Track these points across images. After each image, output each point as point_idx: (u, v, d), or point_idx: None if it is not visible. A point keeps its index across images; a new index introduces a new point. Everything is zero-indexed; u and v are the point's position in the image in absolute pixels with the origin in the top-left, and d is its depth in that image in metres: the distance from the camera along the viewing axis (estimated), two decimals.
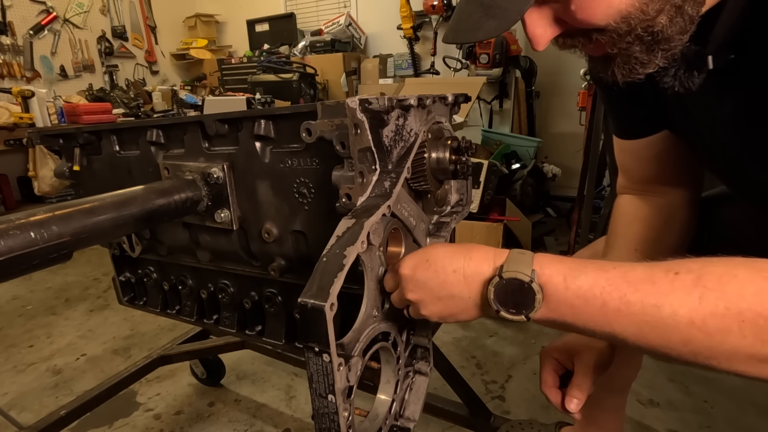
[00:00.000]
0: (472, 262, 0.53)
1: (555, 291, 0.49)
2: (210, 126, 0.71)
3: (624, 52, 0.54)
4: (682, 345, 0.44)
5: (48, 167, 2.96)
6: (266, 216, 0.71)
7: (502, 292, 0.51)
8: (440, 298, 0.55)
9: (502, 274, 0.50)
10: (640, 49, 0.53)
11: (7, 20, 3.68)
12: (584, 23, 0.53)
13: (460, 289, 0.53)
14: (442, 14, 3.50)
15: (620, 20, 0.51)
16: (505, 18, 0.51)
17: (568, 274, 0.49)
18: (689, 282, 0.44)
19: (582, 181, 2.22)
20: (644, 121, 0.76)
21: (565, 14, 0.54)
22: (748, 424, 1.33)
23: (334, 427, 0.50)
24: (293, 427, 1.40)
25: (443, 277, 0.54)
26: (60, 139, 0.94)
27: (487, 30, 0.52)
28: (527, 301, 0.49)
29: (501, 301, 0.51)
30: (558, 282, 0.49)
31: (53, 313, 2.19)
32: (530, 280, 0.49)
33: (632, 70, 0.55)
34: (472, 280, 0.53)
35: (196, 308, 0.94)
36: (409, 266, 0.56)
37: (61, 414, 1.20)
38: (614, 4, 0.51)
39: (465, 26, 0.54)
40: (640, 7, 0.50)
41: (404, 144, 0.64)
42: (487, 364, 1.66)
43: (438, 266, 0.54)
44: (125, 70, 4.58)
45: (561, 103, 3.50)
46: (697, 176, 0.81)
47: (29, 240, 0.48)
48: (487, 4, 0.51)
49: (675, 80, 0.58)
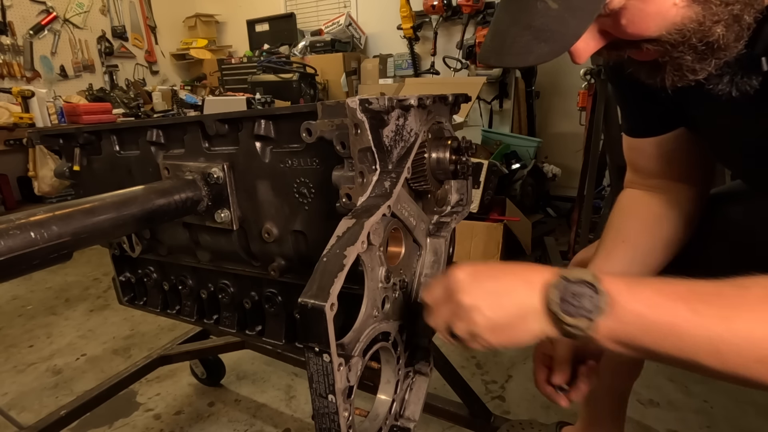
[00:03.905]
0: (532, 269, 0.52)
1: (619, 295, 0.46)
2: (210, 126, 0.71)
3: (675, 60, 0.53)
4: (756, 363, 0.42)
5: (48, 167, 2.96)
6: (266, 216, 0.71)
7: (566, 293, 0.48)
8: (500, 304, 0.51)
9: (567, 275, 0.48)
10: (693, 58, 0.52)
11: (7, 20, 3.68)
12: (636, 36, 0.51)
13: (521, 291, 0.50)
14: (442, 14, 3.50)
15: (674, 31, 0.50)
16: (560, 42, 0.49)
17: (630, 281, 0.47)
18: (761, 295, 0.42)
19: (582, 181, 2.22)
20: (659, 119, 0.75)
21: (614, 28, 0.52)
22: (748, 424, 1.33)
23: (334, 427, 0.50)
24: (293, 427, 1.40)
25: (504, 280, 0.52)
26: (60, 139, 0.94)
27: (539, 54, 0.50)
28: (593, 303, 0.47)
29: (564, 302, 0.48)
30: (622, 288, 0.47)
31: (53, 313, 2.19)
32: (596, 280, 0.47)
33: (683, 77, 0.54)
34: (535, 283, 0.50)
35: (196, 308, 0.94)
36: (465, 270, 0.53)
37: (61, 414, 1.20)
38: (669, 16, 0.49)
39: (512, 50, 0.52)
40: (696, 18, 0.49)
41: (404, 144, 0.64)
42: (487, 364, 1.66)
43: (497, 269, 0.53)
44: (125, 70, 4.58)
45: (561, 103, 3.49)
46: (707, 172, 0.80)
47: (29, 240, 0.48)
48: (537, 27, 0.50)
49: (731, 86, 0.55)
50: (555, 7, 0.48)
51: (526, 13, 0.51)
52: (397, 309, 0.61)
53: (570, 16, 0.49)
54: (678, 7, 0.49)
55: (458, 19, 3.56)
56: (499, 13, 0.57)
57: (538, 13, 0.50)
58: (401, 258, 0.64)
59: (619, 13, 0.50)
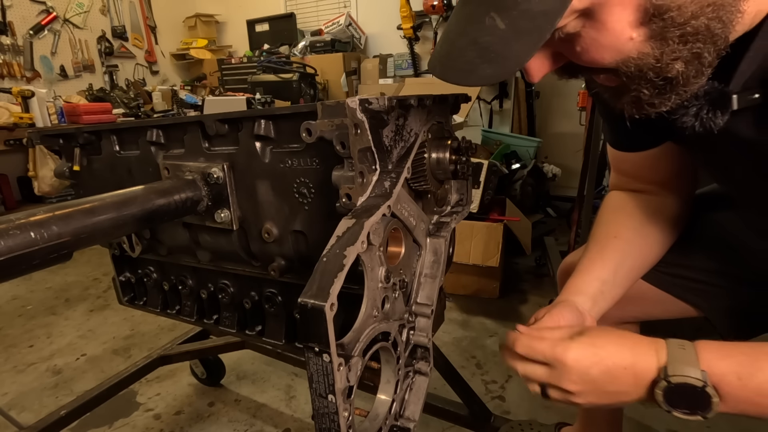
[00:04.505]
0: (640, 359, 0.50)
1: (731, 391, 0.46)
2: (210, 126, 0.71)
3: (632, 92, 0.51)
4: None
5: (48, 167, 2.96)
6: (266, 216, 0.71)
7: (672, 396, 0.47)
8: (606, 393, 0.52)
9: (669, 379, 0.47)
10: (651, 93, 0.50)
11: (7, 20, 3.68)
12: (590, 64, 0.50)
13: (628, 388, 0.51)
14: (442, 14, 3.50)
15: (631, 64, 0.48)
16: (503, 66, 0.46)
17: (742, 372, 0.46)
18: None
19: (582, 181, 2.22)
20: (645, 136, 0.74)
21: (569, 53, 0.50)
22: (749, 424, 1.32)
23: (334, 427, 0.50)
24: (293, 427, 1.40)
25: (614, 374, 0.51)
26: (60, 139, 0.94)
27: (481, 76, 0.48)
28: (702, 404, 0.46)
29: (672, 403, 0.48)
30: (732, 381, 0.46)
31: (53, 313, 2.19)
32: (704, 385, 0.46)
33: (641, 109, 0.52)
34: (642, 379, 0.50)
35: (196, 308, 0.94)
36: (577, 358, 0.52)
37: (61, 414, 1.20)
38: (624, 50, 0.47)
39: (456, 64, 0.49)
40: (653, 54, 0.47)
41: (404, 144, 0.64)
42: (487, 364, 1.66)
43: (610, 363, 0.51)
44: (125, 70, 4.58)
45: (561, 103, 3.50)
46: (692, 179, 0.81)
47: (29, 240, 0.48)
48: (482, 45, 0.46)
49: (696, 120, 0.53)
50: (502, 27, 0.45)
51: (474, 27, 0.48)
52: (397, 309, 0.61)
53: (515, 39, 0.45)
54: (634, 42, 0.46)
55: None
56: (452, 17, 0.54)
57: (485, 29, 0.47)
58: (401, 258, 0.64)
59: (573, 39, 0.48)
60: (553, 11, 0.44)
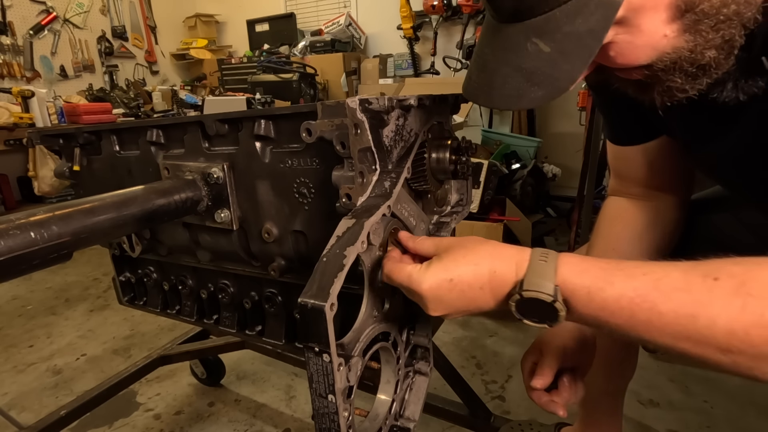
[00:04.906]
0: (497, 276, 0.50)
1: (578, 306, 0.46)
2: (210, 126, 0.71)
3: (665, 83, 0.52)
4: (721, 355, 0.40)
5: (48, 167, 2.96)
6: (266, 216, 0.71)
7: (524, 308, 0.48)
8: (465, 310, 0.52)
9: (522, 293, 0.47)
10: (683, 80, 0.51)
11: (7, 20, 3.68)
12: (625, 66, 0.51)
13: (484, 303, 0.51)
14: (442, 14, 3.50)
15: (666, 58, 0.49)
16: (554, 86, 0.48)
17: (593, 286, 0.45)
18: (730, 288, 0.40)
19: (582, 181, 2.22)
20: (641, 128, 0.76)
21: (603, 59, 0.51)
22: (748, 424, 1.33)
23: (334, 427, 0.50)
24: (293, 427, 1.40)
25: (470, 297, 0.51)
26: (60, 139, 0.94)
27: (533, 98, 0.49)
28: (550, 316, 0.47)
29: (523, 313, 0.48)
30: (581, 296, 0.46)
31: (53, 313, 2.19)
32: (552, 300, 0.46)
33: (672, 96, 0.53)
34: (499, 294, 0.50)
35: (196, 308, 0.94)
36: (431, 287, 0.51)
37: (61, 414, 1.20)
38: (659, 47, 0.48)
39: (504, 92, 0.50)
40: (688, 47, 0.48)
41: (404, 144, 0.64)
42: (487, 364, 1.66)
43: (464, 286, 0.51)
44: (125, 70, 4.58)
45: (561, 103, 3.48)
46: (688, 181, 0.82)
47: (29, 240, 0.48)
48: (529, 70, 0.48)
49: (737, 91, 0.54)
50: (547, 50, 0.47)
51: (516, 55, 0.49)
52: (397, 309, 0.60)
53: (563, 60, 0.47)
54: (669, 38, 0.48)
55: (458, 19, 3.57)
56: (484, 47, 0.55)
57: (529, 56, 0.48)
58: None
59: (607, 47, 0.49)
60: (599, 29, 0.46)
